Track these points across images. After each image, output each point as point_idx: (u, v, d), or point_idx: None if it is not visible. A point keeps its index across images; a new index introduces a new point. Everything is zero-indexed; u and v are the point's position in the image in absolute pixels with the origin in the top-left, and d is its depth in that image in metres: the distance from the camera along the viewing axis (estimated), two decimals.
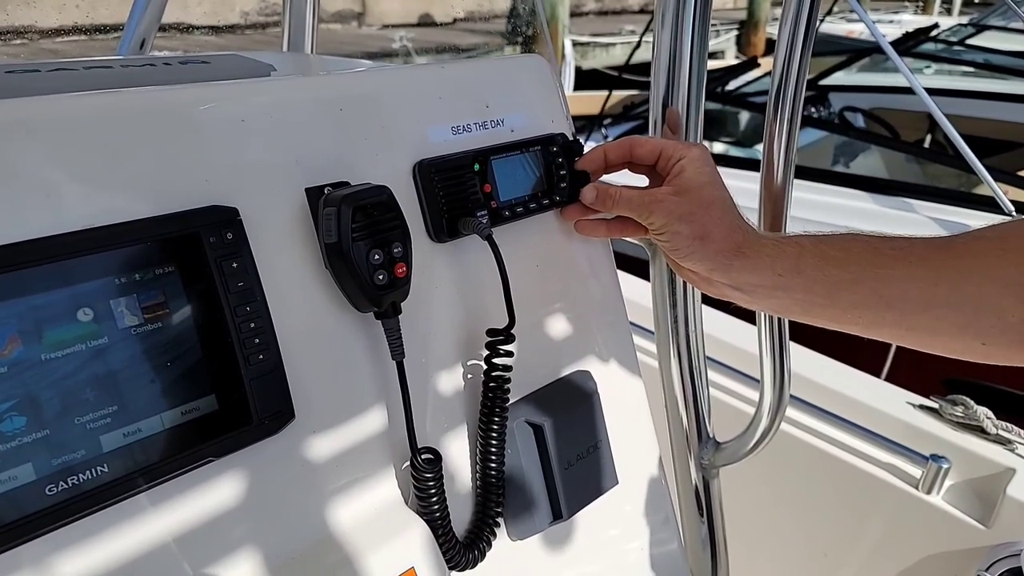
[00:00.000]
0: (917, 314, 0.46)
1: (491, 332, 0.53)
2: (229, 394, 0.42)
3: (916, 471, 0.94)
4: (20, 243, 0.36)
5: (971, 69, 3.28)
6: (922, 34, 3.59)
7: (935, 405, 0.98)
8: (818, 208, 2.10)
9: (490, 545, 0.54)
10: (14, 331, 0.36)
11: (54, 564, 0.37)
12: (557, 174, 0.58)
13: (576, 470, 0.58)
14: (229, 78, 0.49)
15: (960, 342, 0.46)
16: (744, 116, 3.27)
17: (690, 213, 0.52)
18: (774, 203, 0.64)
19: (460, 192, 0.53)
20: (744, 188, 0.64)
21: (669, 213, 0.53)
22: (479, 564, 0.53)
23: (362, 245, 0.45)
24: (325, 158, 0.48)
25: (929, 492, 0.92)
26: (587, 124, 3.16)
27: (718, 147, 3.09)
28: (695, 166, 0.53)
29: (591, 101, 3.82)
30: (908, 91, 1.87)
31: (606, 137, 3.15)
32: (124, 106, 0.42)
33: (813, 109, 3.07)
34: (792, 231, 0.63)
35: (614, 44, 8.54)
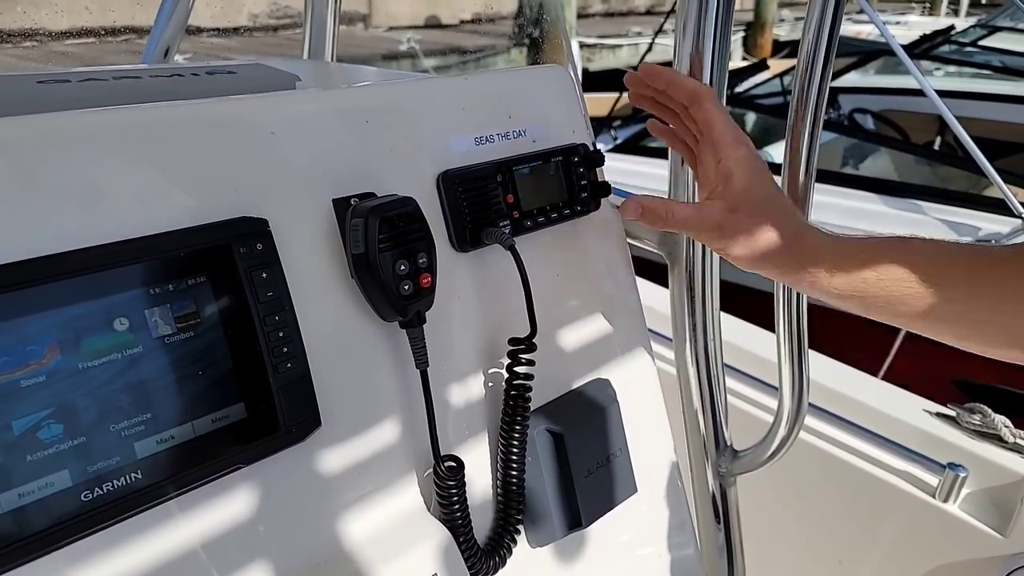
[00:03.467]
0: (970, 329, 0.47)
1: (513, 341, 0.53)
2: (258, 402, 0.43)
3: (933, 479, 0.93)
4: (60, 255, 0.37)
5: (981, 71, 3.26)
6: (939, 35, 3.57)
7: (952, 413, 0.98)
8: (827, 210, 2.09)
9: (511, 552, 0.54)
10: (53, 341, 0.37)
11: (87, 569, 0.38)
12: (578, 184, 0.58)
13: (595, 478, 0.58)
14: (255, 88, 0.50)
15: (1005, 352, 0.47)
16: (751, 118, 3.26)
17: (747, 234, 0.50)
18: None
19: (483, 202, 0.53)
20: None
21: (731, 237, 0.51)
22: (500, 571, 0.53)
23: (388, 256, 0.45)
24: (351, 169, 0.48)
25: (946, 500, 0.92)
26: (596, 126, 3.16)
27: None
28: (743, 170, 0.51)
29: (599, 103, 3.82)
30: (918, 93, 1.86)
31: (615, 139, 3.14)
32: (157, 120, 0.42)
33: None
34: None
35: (620, 46, 8.53)
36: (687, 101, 0.54)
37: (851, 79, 3.20)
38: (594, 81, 5.47)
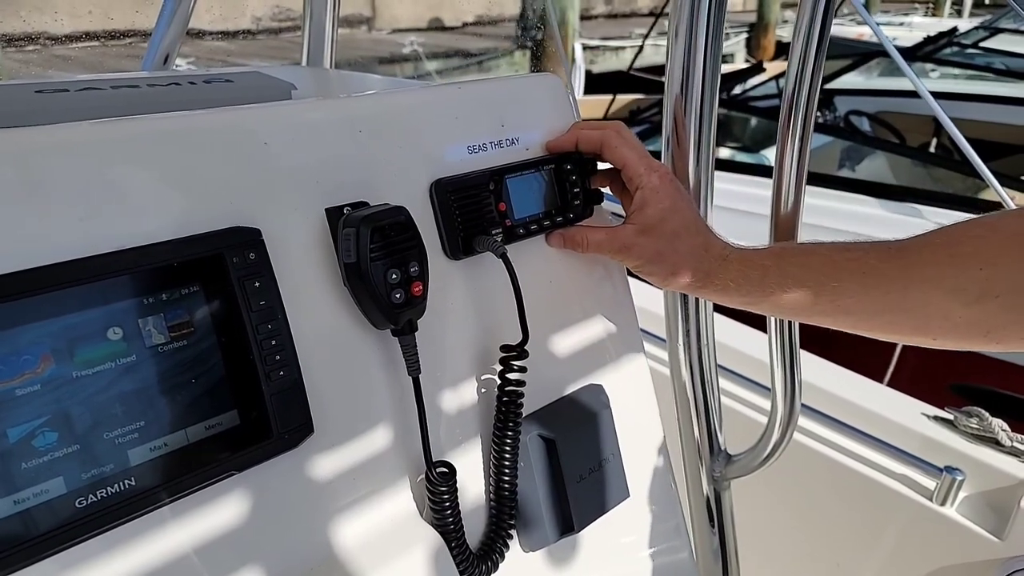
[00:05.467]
0: (872, 319, 0.50)
1: (505, 348, 0.54)
2: (250, 409, 0.44)
3: (930, 482, 0.94)
4: (54, 265, 0.37)
5: (976, 72, 3.25)
6: (942, 37, 3.56)
7: (950, 416, 0.98)
8: (824, 214, 2.09)
9: (503, 557, 0.54)
10: (47, 350, 0.37)
11: (82, 574, 0.38)
12: (571, 191, 0.59)
13: (587, 483, 0.58)
14: (252, 97, 0.50)
15: (913, 338, 0.50)
16: (750, 120, 3.26)
17: (658, 254, 0.55)
18: (787, 214, 0.64)
19: (475, 210, 0.53)
20: (750, 194, 0.65)
21: (639, 256, 0.56)
22: (492, 575, 0.54)
23: (380, 265, 0.46)
24: (344, 179, 0.49)
25: (943, 504, 0.92)
26: None
27: (724, 152, 3.08)
28: (655, 199, 0.55)
29: (603, 105, 3.83)
30: (914, 95, 1.85)
31: None
32: (153, 132, 0.43)
33: (819, 113, 3.05)
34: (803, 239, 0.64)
35: (624, 48, 8.54)
36: (598, 150, 0.58)
37: (847, 81, 3.19)
38: (597, 83, 5.48)
